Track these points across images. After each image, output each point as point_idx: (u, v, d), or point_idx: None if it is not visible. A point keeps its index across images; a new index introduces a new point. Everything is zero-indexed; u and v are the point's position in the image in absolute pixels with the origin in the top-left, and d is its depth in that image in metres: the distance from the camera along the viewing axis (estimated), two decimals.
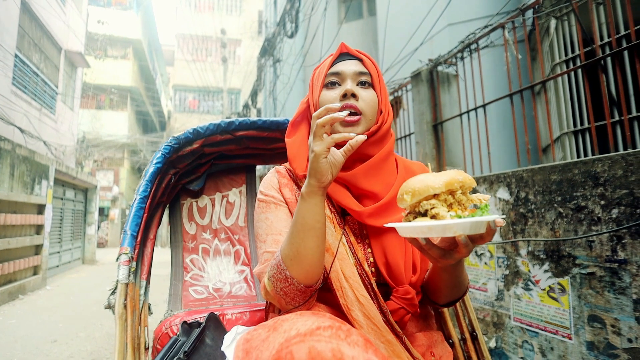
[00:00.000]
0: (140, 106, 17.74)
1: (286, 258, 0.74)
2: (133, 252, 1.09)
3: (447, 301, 0.88)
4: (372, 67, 0.88)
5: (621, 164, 1.55)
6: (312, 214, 0.72)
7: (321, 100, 0.86)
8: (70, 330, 4.21)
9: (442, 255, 0.65)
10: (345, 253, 0.81)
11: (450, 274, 0.79)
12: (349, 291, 0.78)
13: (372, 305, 0.77)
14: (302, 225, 0.72)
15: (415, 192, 0.63)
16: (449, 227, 0.57)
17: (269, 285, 0.78)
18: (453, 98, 3.26)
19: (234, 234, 1.60)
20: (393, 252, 0.82)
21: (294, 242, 0.73)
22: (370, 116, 0.84)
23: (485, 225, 0.57)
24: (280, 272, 0.74)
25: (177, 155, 1.37)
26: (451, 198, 0.62)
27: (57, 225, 8.31)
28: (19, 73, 6.84)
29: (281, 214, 0.87)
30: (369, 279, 0.80)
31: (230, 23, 19.13)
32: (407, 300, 0.80)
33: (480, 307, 2.29)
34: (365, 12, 6.87)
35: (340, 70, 0.86)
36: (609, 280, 1.58)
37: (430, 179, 0.62)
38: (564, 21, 2.93)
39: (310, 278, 0.74)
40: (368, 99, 0.84)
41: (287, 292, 0.75)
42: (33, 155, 6.58)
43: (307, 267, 0.73)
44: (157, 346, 1.13)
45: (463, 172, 0.64)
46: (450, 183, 0.61)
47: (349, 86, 0.83)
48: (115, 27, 14.97)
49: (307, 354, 0.55)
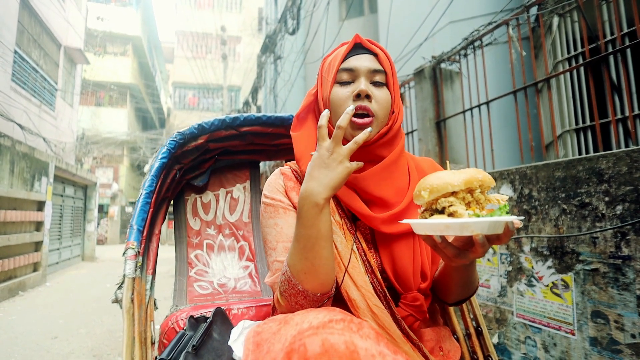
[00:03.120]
0: (139, 103, 17.70)
1: (299, 273, 0.70)
2: (139, 246, 1.09)
3: (456, 300, 0.87)
4: (387, 63, 0.83)
5: (626, 161, 1.55)
6: (327, 225, 0.70)
7: (332, 98, 0.81)
8: (70, 326, 4.21)
9: (457, 254, 0.63)
10: (356, 261, 0.78)
11: (462, 273, 0.77)
12: (360, 302, 0.75)
13: (386, 315, 0.74)
14: (317, 238, 0.69)
15: (433, 188, 0.61)
16: (467, 225, 0.55)
17: (282, 300, 0.75)
18: (456, 95, 3.25)
19: (239, 230, 1.60)
20: (402, 258, 0.79)
21: (308, 255, 0.69)
22: (382, 118, 0.80)
23: (504, 225, 0.56)
24: (293, 287, 0.71)
25: (182, 150, 1.36)
26: (470, 197, 0.61)
27: (56, 222, 8.30)
28: (19, 69, 6.81)
29: (291, 220, 0.82)
30: (381, 287, 0.77)
31: (230, 20, 19.07)
32: (415, 307, 0.78)
33: (483, 303, 2.29)
34: (367, 9, 6.85)
35: (353, 66, 0.80)
36: (612, 277, 1.59)
37: (449, 177, 0.61)
38: (566, 18, 2.92)
39: (326, 286, 0.72)
40: (381, 100, 0.80)
41: (303, 304, 0.72)
42: (33, 152, 6.57)
43: (322, 277, 0.70)
44: (163, 340, 1.13)
45: (483, 171, 0.62)
46: (470, 181, 0.60)
47: (362, 86, 0.78)
48: (115, 23, 14.92)
49: (320, 346, 0.55)
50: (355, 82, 0.81)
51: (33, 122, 7.09)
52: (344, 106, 0.79)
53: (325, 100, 0.83)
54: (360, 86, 0.78)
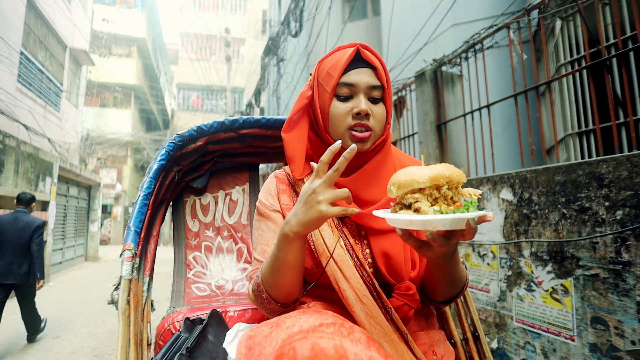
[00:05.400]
0: (144, 104, 17.81)
1: (266, 283, 0.79)
2: (137, 248, 1.09)
3: (445, 298, 0.88)
4: (384, 78, 0.86)
5: (626, 165, 1.54)
6: (295, 255, 0.74)
7: (332, 111, 0.84)
8: (72, 326, 4.23)
9: (420, 246, 0.66)
10: (344, 254, 0.81)
11: (443, 269, 0.78)
12: (349, 292, 0.77)
13: (374, 305, 0.77)
14: (283, 263, 0.74)
15: (400, 184, 0.63)
16: (429, 222, 0.57)
17: (252, 295, 0.85)
18: (457, 98, 3.25)
19: (237, 232, 1.60)
20: (393, 250, 0.82)
21: (274, 274, 0.77)
22: (379, 131, 0.85)
23: (465, 222, 0.57)
24: (261, 292, 0.81)
25: (181, 152, 1.37)
26: (437, 193, 0.62)
27: (60, 222, 8.36)
28: (24, 70, 6.88)
29: (271, 225, 0.90)
30: (370, 279, 0.80)
31: (235, 22, 19.17)
32: (409, 296, 0.80)
33: (483, 308, 2.28)
34: (370, 11, 6.86)
35: (353, 81, 0.83)
36: (612, 282, 1.58)
37: (416, 173, 0.62)
38: (569, 22, 2.91)
39: (287, 299, 0.81)
40: (379, 116, 0.85)
41: (267, 307, 0.82)
42: (37, 152, 6.62)
43: (284, 294, 0.79)
44: (159, 342, 1.13)
45: (452, 167, 0.63)
46: (436, 178, 0.61)
47: (363, 105, 0.82)
48: (120, 25, 15.04)
49: (309, 350, 0.55)
50: (355, 97, 0.84)
51: (38, 123, 7.15)
52: (342, 121, 0.83)
53: (323, 111, 0.86)
54: (361, 105, 0.82)
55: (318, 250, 0.81)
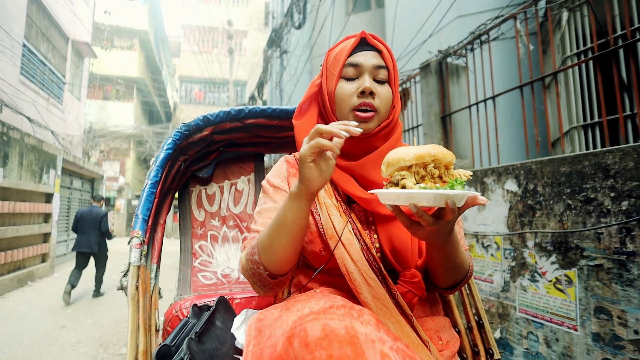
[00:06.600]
0: (146, 97, 17.79)
1: (260, 245, 0.78)
2: (144, 235, 1.10)
3: (447, 285, 0.88)
4: (390, 61, 0.87)
5: (632, 156, 1.54)
6: (293, 215, 0.74)
7: (337, 92, 0.86)
8: (77, 316, 4.28)
9: (410, 225, 0.67)
10: (352, 237, 0.82)
11: (440, 251, 0.78)
12: (357, 275, 0.79)
13: (380, 287, 0.78)
14: (281, 222, 0.74)
15: (389, 163, 0.66)
16: (412, 196, 0.59)
17: (244, 260, 0.82)
18: (462, 90, 3.23)
19: (242, 222, 1.61)
20: (400, 236, 0.83)
21: (270, 234, 0.76)
22: (384, 112, 0.86)
23: (444, 199, 0.58)
24: (253, 255, 0.79)
25: (187, 142, 1.37)
26: (423, 171, 0.65)
27: (64, 214, 8.41)
28: (27, 62, 6.87)
29: (277, 199, 0.89)
30: (377, 262, 0.81)
31: (237, 14, 19.03)
32: (414, 283, 0.81)
33: (486, 298, 2.29)
34: (373, 3, 6.80)
35: (359, 62, 0.85)
36: (616, 272, 1.58)
37: (403, 152, 0.65)
38: (576, 13, 2.88)
39: (276, 269, 0.78)
40: (384, 96, 0.85)
41: (254, 274, 0.80)
42: (41, 145, 6.64)
43: (275, 259, 0.77)
44: (167, 328, 1.15)
45: (439, 147, 0.65)
46: (421, 156, 0.63)
47: (367, 83, 0.82)
48: (122, 17, 14.96)
49: (321, 331, 0.56)
50: (360, 78, 0.85)
51: (41, 115, 7.16)
52: (348, 101, 0.84)
53: (330, 94, 0.88)
54: (365, 83, 0.82)
55: (327, 234, 0.82)
